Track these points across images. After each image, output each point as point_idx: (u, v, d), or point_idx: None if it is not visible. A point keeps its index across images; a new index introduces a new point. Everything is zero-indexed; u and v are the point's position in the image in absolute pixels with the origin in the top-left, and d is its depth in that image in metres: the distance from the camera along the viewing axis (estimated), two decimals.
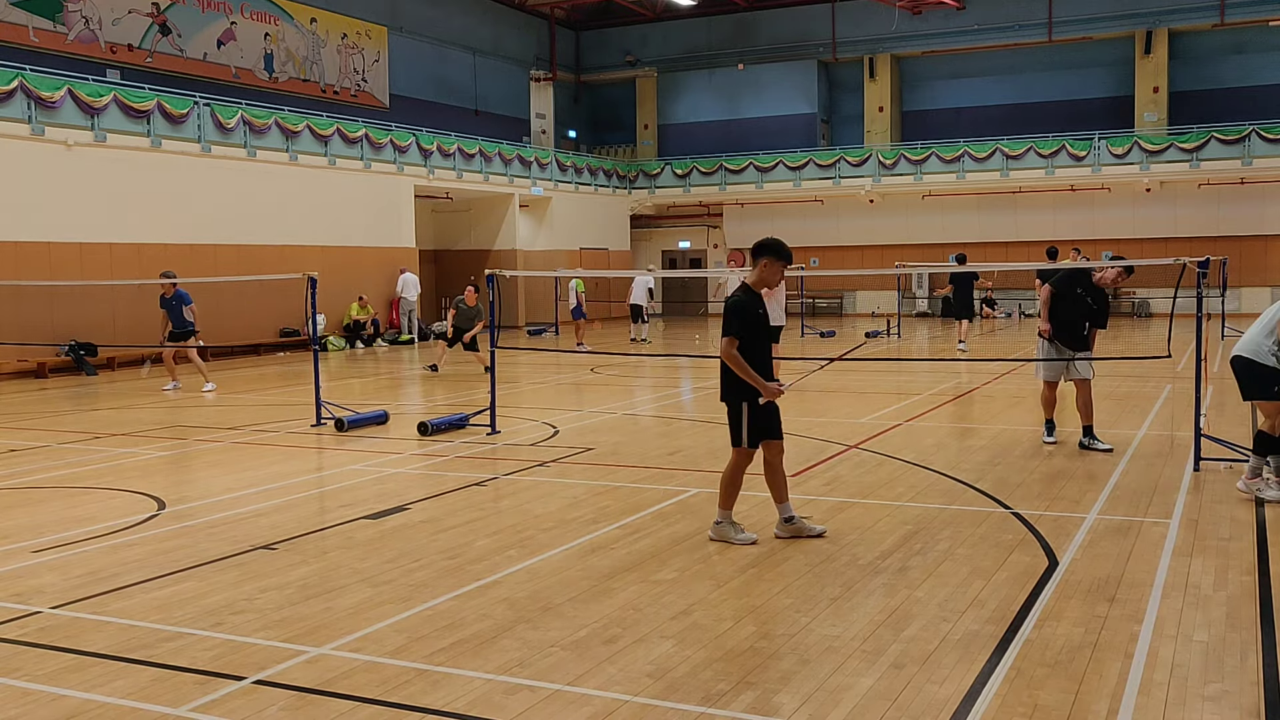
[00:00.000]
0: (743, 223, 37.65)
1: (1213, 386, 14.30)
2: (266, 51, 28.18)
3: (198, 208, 22.38)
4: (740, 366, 6.61)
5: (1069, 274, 10.11)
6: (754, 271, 6.82)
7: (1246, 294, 31.15)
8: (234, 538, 7.25)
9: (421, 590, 5.98)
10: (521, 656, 4.92)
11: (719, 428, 11.85)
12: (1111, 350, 19.39)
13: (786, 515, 6.91)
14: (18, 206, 19.25)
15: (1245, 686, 4.46)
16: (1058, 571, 6.11)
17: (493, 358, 11.75)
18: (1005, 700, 4.35)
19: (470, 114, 35.10)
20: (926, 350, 22.71)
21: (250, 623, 5.47)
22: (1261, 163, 30.25)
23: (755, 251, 6.85)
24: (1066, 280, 10.02)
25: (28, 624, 5.53)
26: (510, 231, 32.47)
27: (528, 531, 7.26)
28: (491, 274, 11.63)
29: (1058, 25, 34.08)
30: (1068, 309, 9.96)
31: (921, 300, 35.11)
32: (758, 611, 5.51)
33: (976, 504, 7.89)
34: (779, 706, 4.32)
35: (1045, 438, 10.47)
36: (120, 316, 20.84)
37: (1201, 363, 9.23)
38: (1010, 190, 33.62)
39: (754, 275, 6.82)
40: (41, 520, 7.92)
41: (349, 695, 4.51)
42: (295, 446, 11.22)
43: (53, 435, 12.30)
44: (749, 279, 6.84)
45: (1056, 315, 9.99)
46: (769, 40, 38.07)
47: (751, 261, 6.86)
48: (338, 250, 25.58)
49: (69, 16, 23.44)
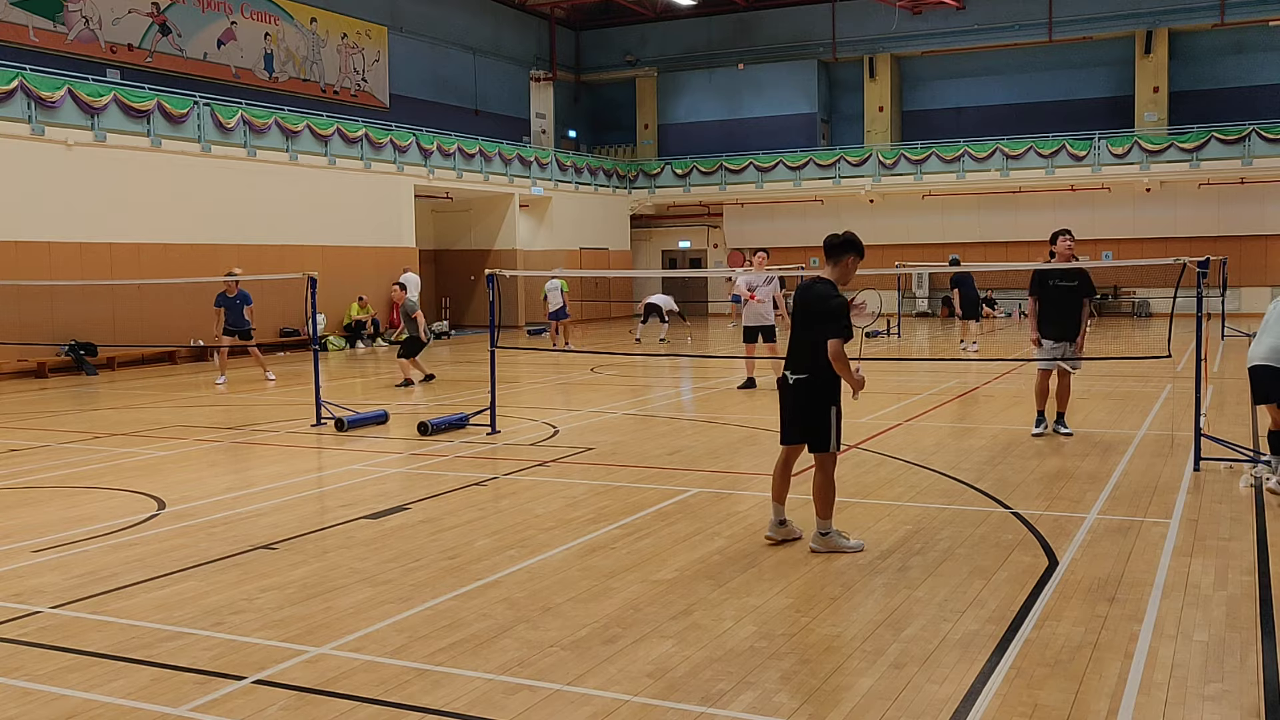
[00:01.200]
0: (743, 222, 37.65)
1: (1213, 386, 14.30)
2: (266, 51, 28.18)
3: (198, 208, 22.38)
4: (847, 367, 6.36)
5: (1036, 275, 10.58)
6: (837, 269, 6.57)
7: (1246, 294, 31.15)
8: (234, 538, 7.25)
9: (421, 590, 5.98)
10: (521, 656, 4.92)
11: (719, 428, 11.88)
12: (1111, 350, 19.41)
13: (782, 518, 6.81)
14: (18, 206, 19.24)
15: (1245, 686, 4.46)
16: (1058, 571, 6.11)
17: (492, 358, 11.74)
18: (1005, 700, 4.35)
19: (470, 114, 35.10)
20: (927, 350, 22.72)
21: (250, 623, 5.47)
22: (1261, 163, 30.24)
23: (841, 248, 6.56)
24: (1038, 282, 10.50)
25: (28, 624, 5.53)
26: (510, 231, 32.47)
27: (528, 531, 7.26)
28: (491, 274, 11.63)
29: (1058, 25, 34.08)
30: (1051, 306, 10.43)
31: (921, 300, 35.11)
32: (758, 611, 5.51)
33: (976, 504, 7.89)
34: (779, 706, 4.32)
35: (1034, 429, 10.83)
36: (120, 316, 20.84)
37: (1201, 363, 9.23)
38: (1010, 190, 33.62)
39: (838, 272, 6.57)
40: (41, 520, 7.92)
41: (349, 695, 4.51)
42: (295, 446, 11.22)
43: (53, 435, 12.30)
44: (832, 276, 6.56)
45: (1045, 316, 10.49)
46: (769, 40, 38.07)
47: (832, 258, 6.58)
48: (338, 250, 25.58)
49: (69, 16, 23.44)
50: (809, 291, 6.53)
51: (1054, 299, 10.42)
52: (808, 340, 6.46)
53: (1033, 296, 10.61)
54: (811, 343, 6.42)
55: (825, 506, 6.54)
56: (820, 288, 6.48)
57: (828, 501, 6.53)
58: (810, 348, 6.43)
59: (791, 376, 6.52)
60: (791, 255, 35.62)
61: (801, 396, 6.51)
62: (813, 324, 6.42)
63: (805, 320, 6.49)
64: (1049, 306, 10.46)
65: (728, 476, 9.07)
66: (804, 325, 6.50)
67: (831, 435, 6.50)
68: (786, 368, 6.59)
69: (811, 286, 6.54)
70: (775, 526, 6.79)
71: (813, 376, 6.44)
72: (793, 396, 6.56)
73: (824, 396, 6.45)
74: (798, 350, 6.55)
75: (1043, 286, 10.48)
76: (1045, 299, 10.48)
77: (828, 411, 6.47)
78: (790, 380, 6.54)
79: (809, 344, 6.45)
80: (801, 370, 6.48)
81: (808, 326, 6.46)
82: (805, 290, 6.58)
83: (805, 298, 6.54)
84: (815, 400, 6.47)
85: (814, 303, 6.43)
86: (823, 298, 6.41)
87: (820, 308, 6.39)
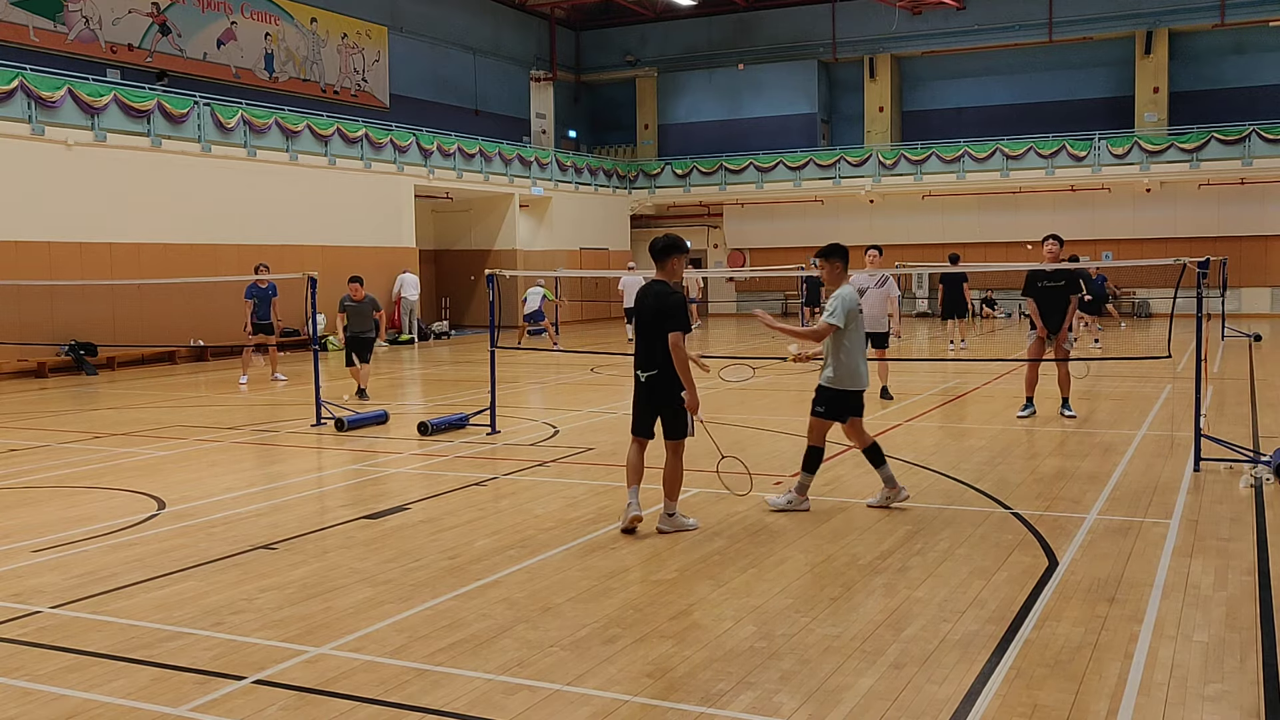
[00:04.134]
0: (743, 223, 37.65)
1: (1213, 387, 14.31)
2: (267, 51, 28.18)
3: (198, 208, 22.37)
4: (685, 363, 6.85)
5: (1027, 277, 11.84)
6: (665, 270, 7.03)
7: (1246, 294, 31.16)
8: (234, 538, 7.25)
9: (421, 590, 5.98)
10: (521, 656, 4.92)
11: (719, 428, 11.84)
12: (1112, 350, 19.40)
13: (672, 510, 7.15)
14: (18, 206, 19.24)
15: (1245, 686, 4.46)
16: (1058, 571, 6.11)
17: (492, 358, 11.74)
18: (1005, 700, 4.35)
19: (470, 114, 35.10)
20: (927, 350, 22.71)
21: (250, 623, 5.47)
22: (1261, 163, 30.24)
23: (665, 252, 7.00)
24: (1030, 284, 11.74)
25: (28, 624, 5.53)
26: (510, 231, 32.47)
27: (528, 531, 7.26)
28: (491, 274, 11.63)
29: (1058, 25, 34.08)
30: (1043, 304, 11.57)
31: (921, 300, 35.11)
32: (758, 611, 5.50)
33: (976, 504, 7.89)
34: (779, 706, 4.32)
35: (1020, 412, 11.88)
36: (120, 316, 20.84)
37: (1201, 363, 9.23)
38: (1010, 190, 33.61)
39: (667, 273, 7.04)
40: (41, 520, 7.92)
41: (349, 695, 4.51)
42: (295, 446, 11.22)
43: (53, 435, 12.30)
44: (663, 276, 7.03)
45: (1040, 313, 11.63)
46: (769, 40, 38.07)
47: (660, 261, 7.04)
48: (338, 250, 25.57)
49: (69, 16, 23.44)
50: (648, 294, 7.01)
51: (1044, 297, 11.53)
52: (656, 339, 6.90)
53: (1027, 297, 11.82)
54: (650, 339, 6.92)
55: (674, 489, 7.09)
56: (657, 288, 6.98)
57: (677, 485, 7.09)
58: (659, 345, 6.89)
59: (643, 374, 7.01)
60: (792, 256, 35.61)
61: (655, 391, 6.99)
62: (659, 323, 6.87)
63: (651, 321, 6.93)
64: (1040, 303, 11.58)
65: (728, 476, 9.04)
66: (651, 326, 6.94)
67: (686, 422, 6.96)
68: (637, 367, 7.06)
69: (650, 289, 7.02)
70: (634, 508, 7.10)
71: (663, 372, 6.91)
72: (646, 392, 7.05)
73: (675, 387, 6.91)
74: (647, 349, 6.98)
75: (1033, 287, 11.66)
76: (1037, 298, 11.61)
77: (679, 401, 6.91)
78: (642, 378, 7.02)
79: (657, 342, 6.90)
80: (652, 367, 6.96)
81: (654, 326, 6.90)
82: (644, 293, 7.05)
83: (646, 301, 7.01)
84: (668, 393, 6.94)
85: (655, 303, 6.90)
86: (661, 296, 6.91)
87: (661, 305, 6.86)
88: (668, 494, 7.12)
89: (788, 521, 7.41)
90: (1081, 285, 11.72)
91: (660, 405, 7.01)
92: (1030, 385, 12.09)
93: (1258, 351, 20.09)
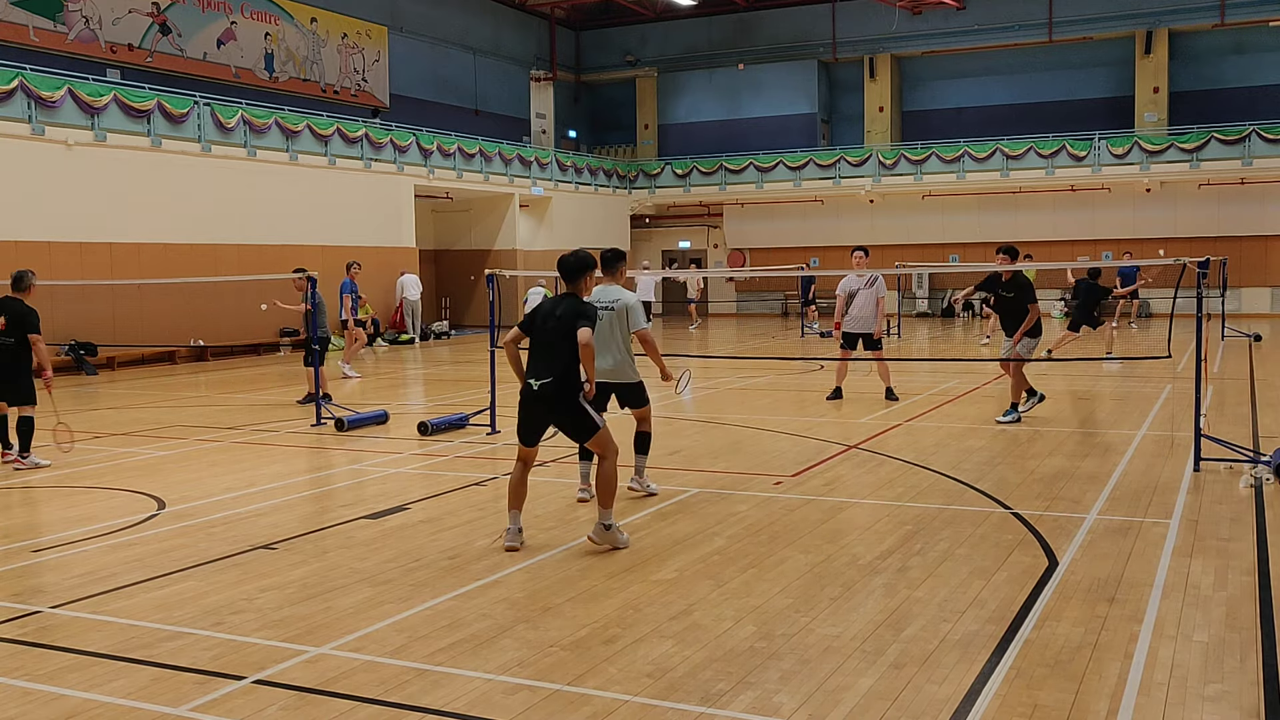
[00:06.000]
0: (743, 223, 37.63)
1: (1213, 387, 14.31)
2: (266, 51, 28.17)
3: (198, 208, 22.36)
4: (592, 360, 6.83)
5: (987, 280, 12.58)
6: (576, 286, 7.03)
7: (1246, 294, 31.15)
8: (234, 538, 7.25)
9: (421, 590, 5.98)
10: (521, 656, 4.92)
11: (720, 428, 11.88)
12: (1111, 350, 19.38)
13: (609, 521, 6.78)
14: (18, 206, 19.22)
15: (1245, 686, 4.46)
16: (1058, 572, 6.11)
17: (492, 358, 11.72)
18: (1005, 700, 4.35)
19: (470, 114, 35.09)
20: (927, 350, 22.72)
21: (250, 622, 5.47)
22: (1261, 163, 30.22)
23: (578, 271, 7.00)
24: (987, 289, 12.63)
25: (28, 624, 5.54)
26: (510, 231, 32.46)
27: (528, 531, 7.25)
28: (491, 274, 11.62)
29: (1058, 25, 34.07)
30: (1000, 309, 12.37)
31: (922, 300, 35.11)
32: (758, 611, 5.51)
33: (976, 504, 7.89)
34: (779, 706, 4.32)
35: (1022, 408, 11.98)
36: (120, 316, 20.84)
37: (1201, 363, 9.23)
38: (1010, 190, 33.59)
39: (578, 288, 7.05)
40: (41, 520, 7.93)
41: (349, 695, 4.51)
42: (295, 446, 11.22)
43: (53, 435, 12.27)
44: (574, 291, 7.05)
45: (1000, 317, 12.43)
46: (769, 40, 38.06)
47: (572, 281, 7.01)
48: (338, 250, 25.54)
49: (69, 16, 23.42)
50: (559, 307, 6.84)
51: (1002, 306, 12.22)
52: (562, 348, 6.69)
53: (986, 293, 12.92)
54: (555, 349, 6.68)
55: (608, 497, 6.77)
56: (569, 303, 6.84)
57: (611, 492, 6.77)
58: (555, 354, 6.68)
59: (536, 383, 6.73)
60: (792, 255, 35.59)
61: (553, 400, 6.71)
62: (564, 333, 6.69)
63: (557, 331, 6.73)
64: (998, 310, 12.53)
65: (727, 476, 9.07)
66: (555, 332, 6.74)
67: (591, 417, 6.80)
68: (529, 376, 6.79)
69: (560, 302, 6.89)
70: (514, 535, 6.85)
71: (558, 378, 6.70)
72: (541, 403, 6.76)
73: (572, 390, 6.73)
74: (543, 358, 6.76)
75: (992, 291, 12.49)
76: (997, 304, 12.50)
77: (579, 401, 6.75)
78: (535, 386, 6.74)
79: (556, 351, 6.70)
80: (546, 375, 6.71)
81: (562, 336, 6.70)
82: (555, 305, 6.88)
83: (555, 312, 6.81)
84: (566, 397, 6.74)
85: (567, 315, 6.73)
86: (573, 307, 6.78)
87: (574, 311, 6.74)
88: (602, 503, 6.76)
89: (788, 521, 7.42)
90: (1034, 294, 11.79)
91: (561, 416, 6.79)
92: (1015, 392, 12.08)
93: (1258, 351, 20.10)
